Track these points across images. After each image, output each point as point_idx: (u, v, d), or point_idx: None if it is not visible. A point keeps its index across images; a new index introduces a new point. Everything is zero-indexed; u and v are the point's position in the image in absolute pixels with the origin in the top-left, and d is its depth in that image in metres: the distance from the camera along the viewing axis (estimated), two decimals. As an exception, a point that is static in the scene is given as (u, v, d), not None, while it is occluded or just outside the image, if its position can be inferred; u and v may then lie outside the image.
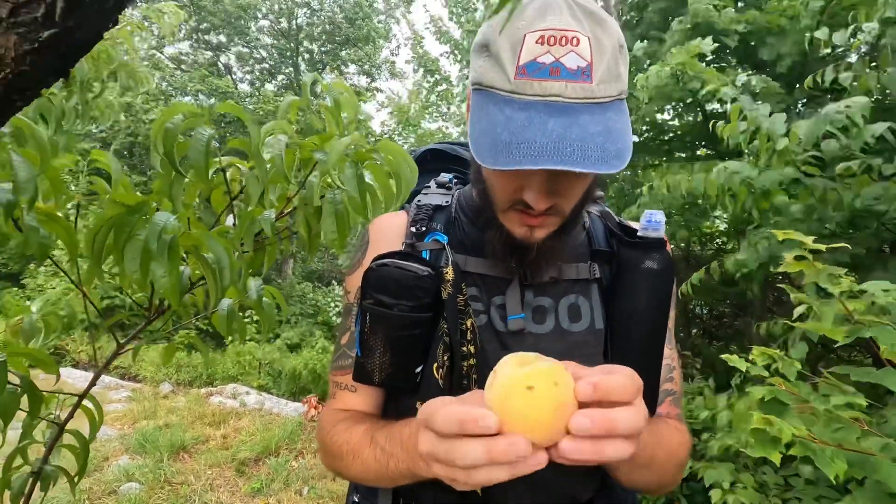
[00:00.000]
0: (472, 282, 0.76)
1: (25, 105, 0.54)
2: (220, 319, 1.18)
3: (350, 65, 16.51)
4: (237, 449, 4.33)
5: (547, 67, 0.58)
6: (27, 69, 0.47)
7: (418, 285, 0.70)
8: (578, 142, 0.55)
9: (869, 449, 0.86)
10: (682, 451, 0.77)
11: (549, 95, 0.58)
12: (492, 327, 0.75)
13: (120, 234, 0.63)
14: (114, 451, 4.27)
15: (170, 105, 0.76)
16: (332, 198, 0.78)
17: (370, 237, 0.84)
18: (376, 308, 0.71)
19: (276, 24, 16.50)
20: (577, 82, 0.58)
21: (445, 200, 0.85)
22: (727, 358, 1.06)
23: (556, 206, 0.67)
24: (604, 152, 0.56)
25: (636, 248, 0.74)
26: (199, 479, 3.82)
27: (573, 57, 0.57)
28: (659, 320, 0.73)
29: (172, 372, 7.44)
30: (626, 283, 0.74)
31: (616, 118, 0.59)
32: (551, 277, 0.76)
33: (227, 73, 16.60)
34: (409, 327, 0.71)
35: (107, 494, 3.53)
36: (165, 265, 0.62)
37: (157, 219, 0.62)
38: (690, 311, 4.85)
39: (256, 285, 1.18)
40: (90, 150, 3.98)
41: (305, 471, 3.98)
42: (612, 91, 0.60)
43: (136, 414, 5.26)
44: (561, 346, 0.74)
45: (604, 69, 0.58)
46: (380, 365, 0.73)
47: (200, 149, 0.66)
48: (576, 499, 0.76)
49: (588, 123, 0.57)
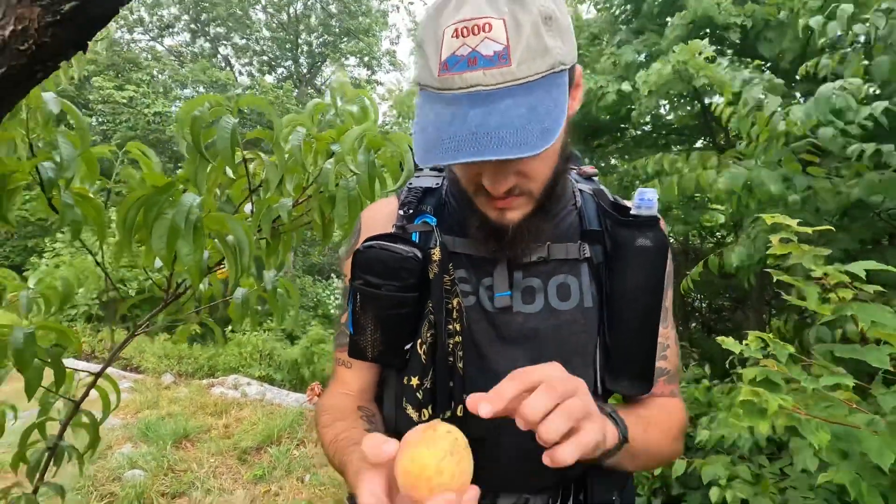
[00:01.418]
0: (460, 263, 0.78)
1: (45, 77, 0.56)
2: (235, 307, 1.23)
3: (350, 57, 16.45)
4: (239, 438, 4.38)
5: (465, 59, 0.58)
6: (49, 41, 0.49)
7: (403, 266, 0.73)
8: (497, 129, 0.56)
9: (855, 423, 0.90)
10: (677, 426, 0.79)
11: (471, 87, 0.58)
12: (480, 307, 0.76)
13: (149, 213, 0.67)
14: (117, 439, 4.32)
15: (170, 97, 0.80)
16: (345, 184, 0.82)
17: (362, 223, 0.87)
18: (365, 288, 0.74)
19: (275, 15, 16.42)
20: (495, 68, 0.57)
21: (436, 183, 0.86)
22: (722, 341, 1.10)
23: (519, 187, 0.67)
24: (524, 134, 0.55)
25: (629, 226, 0.75)
26: (201, 466, 3.87)
27: (487, 43, 0.57)
28: (653, 298, 0.74)
29: (174, 363, 7.48)
30: (620, 261, 0.75)
31: (544, 95, 0.58)
32: (539, 257, 0.77)
33: (226, 66, 16.54)
34: (396, 307, 0.74)
35: (111, 481, 3.58)
36: (190, 243, 0.66)
37: (185, 200, 0.66)
38: (689, 304, 4.91)
39: (271, 277, 1.23)
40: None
41: (307, 459, 4.04)
42: (538, 68, 0.59)
43: (139, 404, 5.31)
44: (551, 325, 0.76)
45: (523, 48, 0.57)
46: (371, 342, 0.76)
47: (226, 136, 0.70)
48: (567, 474, 0.78)
49: (509, 108, 0.57)
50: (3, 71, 0.46)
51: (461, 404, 0.72)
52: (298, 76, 16.78)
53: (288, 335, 8.82)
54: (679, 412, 0.82)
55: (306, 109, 0.93)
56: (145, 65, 13.55)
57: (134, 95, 11.65)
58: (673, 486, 2.33)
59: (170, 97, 13.35)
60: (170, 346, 7.99)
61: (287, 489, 3.59)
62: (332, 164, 0.82)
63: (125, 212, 0.67)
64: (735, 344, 1.07)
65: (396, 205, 0.84)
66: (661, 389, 0.81)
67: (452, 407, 0.73)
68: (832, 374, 0.99)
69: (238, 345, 8.01)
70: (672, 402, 0.82)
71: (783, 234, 1.05)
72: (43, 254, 9.14)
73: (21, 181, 0.79)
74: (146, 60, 13.91)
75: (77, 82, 7.36)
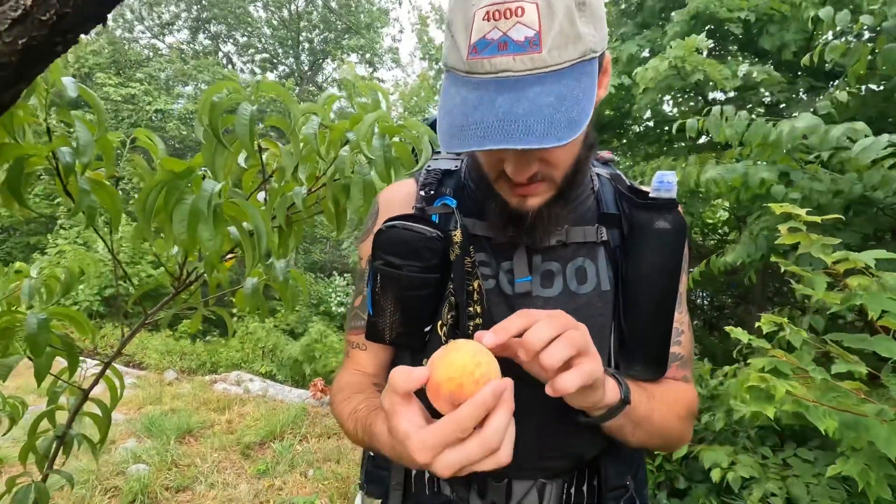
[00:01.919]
0: (480, 246, 0.78)
1: (65, 51, 0.55)
2: (245, 297, 1.23)
3: (351, 53, 16.43)
4: (242, 433, 4.40)
5: (495, 43, 0.57)
6: (69, 11, 0.48)
7: (426, 246, 0.72)
8: (524, 117, 0.55)
9: (864, 412, 0.90)
10: (683, 404, 0.78)
11: (499, 72, 0.57)
12: (500, 290, 0.76)
13: (170, 197, 0.68)
14: (121, 434, 4.34)
15: (172, 94, 0.80)
16: (360, 171, 0.82)
17: (380, 205, 0.86)
18: (386, 269, 0.74)
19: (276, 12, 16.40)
20: (526, 54, 0.56)
21: (455, 165, 0.85)
22: (730, 330, 1.10)
23: (542, 173, 0.67)
24: (552, 124, 0.54)
25: (648, 209, 0.74)
26: (205, 461, 3.88)
27: (519, 28, 0.56)
28: (670, 282, 0.73)
29: (177, 360, 7.50)
30: (638, 244, 0.74)
31: (574, 84, 0.57)
32: (558, 241, 0.76)
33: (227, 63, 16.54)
34: (417, 287, 0.74)
35: (115, 475, 3.59)
36: (211, 229, 0.66)
37: (207, 185, 0.67)
38: (691, 301, 4.91)
39: (282, 267, 1.23)
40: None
41: (310, 454, 4.05)
42: (569, 55, 0.57)
43: (142, 399, 5.32)
44: (569, 308, 0.74)
45: (555, 34, 0.56)
46: (390, 324, 0.76)
47: (245, 122, 0.71)
48: (582, 457, 0.79)
49: (538, 95, 0.56)
50: (25, 41, 0.46)
51: None
52: (300, 73, 16.78)
53: (290, 331, 8.84)
54: (689, 393, 0.81)
55: (320, 100, 0.93)
56: (147, 62, 13.55)
57: (136, 93, 11.64)
58: (679, 480, 2.34)
59: (172, 94, 13.34)
60: (172, 343, 8.00)
61: (290, 484, 3.60)
62: (347, 150, 0.83)
63: (145, 196, 0.67)
64: (743, 333, 1.07)
65: (414, 187, 0.84)
66: (673, 374, 0.81)
67: None
68: (846, 361, 0.99)
69: (241, 340, 8.02)
70: (682, 384, 0.82)
71: (792, 224, 1.05)
72: (45, 251, 9.15)
73: (38, 165, 0.80)
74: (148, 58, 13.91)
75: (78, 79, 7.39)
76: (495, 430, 0.49)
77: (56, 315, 0.86)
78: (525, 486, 0.77)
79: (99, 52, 12.82)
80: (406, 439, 0.50)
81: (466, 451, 0.49)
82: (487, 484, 0.77)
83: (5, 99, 0.50)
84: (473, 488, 0.78)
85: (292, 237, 1.00)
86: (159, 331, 8.34)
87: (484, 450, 0.49)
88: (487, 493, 0.77)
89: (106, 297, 8.72)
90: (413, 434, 0.50)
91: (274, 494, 3.46)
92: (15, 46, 0.46)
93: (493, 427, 0.49)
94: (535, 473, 0.78)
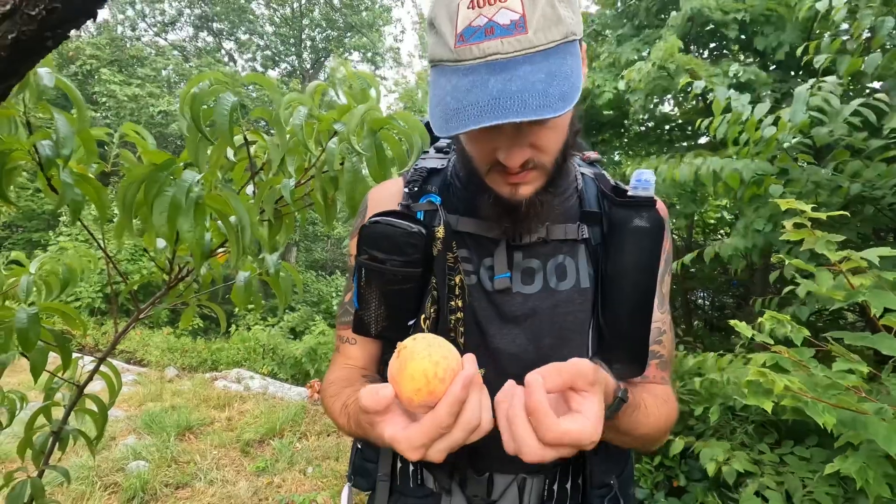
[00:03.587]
0: (463, 243, 0.79)
1: (55, 46, 0.55)
2: (238, 291, 1.23)
3: (353, 52, 16.44)
4: (242, 430, 4.40)
5: (482, 29, 0.59)
6: (59, 6, 0.48)
7: (408, 241, 0.74)
8: (518, 93, 0.57)
9: (863, 410, 0.89)
10: (666, 414, 0.77)
11: (488, 56, 0.59)
12: (481, 287, 0.78)
13: (150, 190, 0.67)
14: (121, 431, 4.34)
15: (175, 93, 0.80)
16: (350, 165, 0.81)
17: (369, 202, 0.88)
18: (370, 263, 0.76)
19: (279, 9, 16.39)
20: (513, 36, 0.58)
21: (441, 164, 0.87)
22: (734, 324, 1.09)
23: (533, 160, 0.68)
24: (546, 98, 0.56)
25: (626, 206, 0.75)
26: (204, 458, 3.89)
27: (504, 13, 0.58)
28: (648, 279, 0.74)
29: (177, 357, 7.51)
30: (616, 241, 0.75)
31: (561, 62, 0.60)
32: (539, 238, 0.78)
33: (229, 61, 16.55)
34: (400, 282, 0.76)
35: (115, 472, 3.60)
36: (191, 220, 0.65)
37: (186, 177, 0.66)
38: (692, 302, 4.89)
39: (273, 260, 1.22)
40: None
41: (309, 452, 4.05)
42: (553, 36, 0.60)
43: (143, 396, 5.33)
44: (548, 304, 0.77)
45: (538, 16, 0.59)
46: (375, 317, 0.78)
47: (224, 113, 0.70)
48: (564, 458, 0.79)
49: (529, 73, 0.58)
50: (14, 36, 0.45)
51: None
52: (302, 71, 16.79)
53: (291, 329, 8.85)
54: (670, 401, 0.81)
55: (307, 90, 0.92)
56: (149, 60, 13.57)
57: (139, 93, 11.65)
58: (680, 478, 2.33)
59: (175, 93, 13.36)
60: (173, 340, 8.02)
61: (290, 481, 3.60)
62: (335, 143, 0.82)
63: (125, 190, 0.66)
64: (747, 329, 1.06)
65: (402, 185, 0.85)
66: (653, 373, 0.81)
67: None
68: (847, 360, 0.98)
69: (242, 340, 8.03)
70: (664, 389, 0.81)
71: (797, 220, 1.04)
72: (47, 247, 9.18)
73: (20, 159, 0.79)
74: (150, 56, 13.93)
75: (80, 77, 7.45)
76: (472, 412, 0.53)
77: (47, 310, 0.85)
78: (507, 479, 0.78)
79: (101, 49, 12.84)
80: (395, 443, 0.54)
81: (452, 439, 0.53)
82: (469, 478, 0.78)
83: (-3, 94, 0.50)
84: (456, 480, 0.79)
85: (283, 230, 0.99)
86: (160, 328, 8.37)
87: (466, 432, 0.53)
88: (469, 486, 0.78)
89: (107, 295, 8.75)
90: (400, 437, 0.54)
91: (273, 492, 3.46)
92: (4, 41, 0.46)
93: (469, 410, 0.53)
94: (515, 468, 0.78)
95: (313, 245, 13.20)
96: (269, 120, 0.77)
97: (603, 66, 4.35)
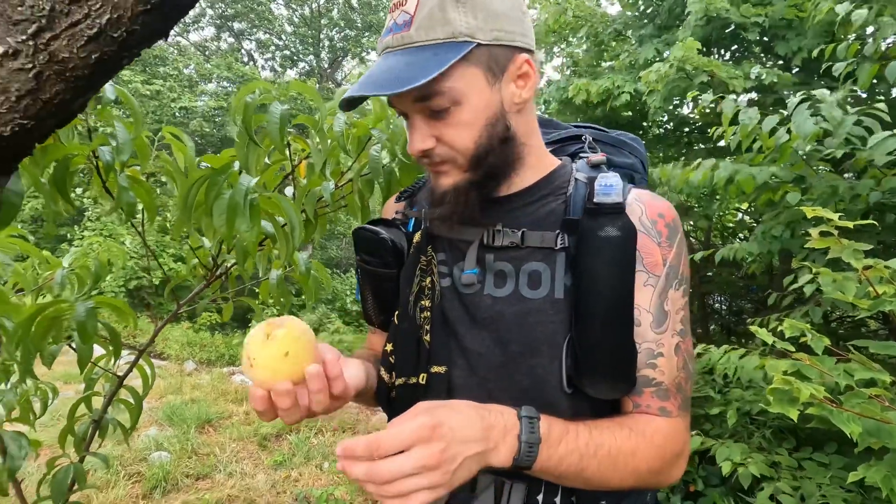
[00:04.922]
0: (441, 247, 0.83)
1: (129, 63, 0.61)
2: (270, 288, 1.28)
3: (371, 51, 16.54)
4: (259, 425, 4.48)
5: (389, 28, 0.71)
6: (138, 28, 0.53)
7: (381, 246, 0.84)
8: (378, 75, 0.68)
9: (888, 419, 0.90)
10: (646, 458, 0.69)
11: (385, 49, 0.71)
12: (455, 289, 0.80)
13: (210, 192, 0.71)
14: (143, 422, 4.46)
15: (195, 91, 0.84)
16: (388, 169, 0.85)
17: (382, 212, 0.98)
18: (361, 264, 0.87)
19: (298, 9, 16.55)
20: (399, 33, 0.69)
21: None
22: (754, 330, 1.09)
23: (440, 154, 0.73)
24: (396, 80, 0.65)
25: (592, 215, 0.72)
26: (223, 450, 3.97)
27: (401, 14, 0.69)
28: (621, 291, 0.70)
29: (196, 351, 7.66)
30: (585, 252, 0.72)
31: (429, 56, 0.67)
32: (512, 242, 0.76)
33: (249, 61, 16.76)
34: (382, 280, 0.85)
35: (138, 461, 3.70)
36: (248, 221, 0.70)
37: (243, 180, 0.70)
38: (709, 306, 4.85)
39: (304, 259, 1.27)
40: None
41: (325, 447, 4.12)
42: (435, 35, 0.67)
43: (163, 389, 5.46)
44: (515, 311, 0.75)
45: (423, 17, 0.67)
46: (372, 310, 0.89)
47: (276, 121, 0.74)
48: None
49: (396, 62, 0.68)
50: (97, 56, 0.50)
51: (424, 373, 0.77)
52: (320, 71, 16.95)
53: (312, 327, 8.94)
54: (659, 438, 0.71)
55: (336, 95, 0.97)
56: (171, 59, 13.83)
57: (161, 90, 11.90)
58: (697, 482, 2.34)
59: (195, 91, 13.60)
60: (192, 334, 8.16)
61: (306, 476, 3.66)
62: (378, 150, 0.86)
63: (186, 190, 0.71)
64: (767, 335, 1.06)
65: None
66: (647, 402, 0.73)
67: (417, 374, 0.78)
68: (869, 369, 0.98)
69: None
70: (655, 424, 0.72)
71: (823, 228, 1.04)
72: (73, 242, 9.41)
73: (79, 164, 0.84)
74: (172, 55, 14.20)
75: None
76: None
77: (100, 304, 0.90)
78: (487, 479, 0.74)
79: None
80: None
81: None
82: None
83: (75, 107, 0.54)
84: None
85: (318, 229, 1.04)
86: (180, 322, 8.52)
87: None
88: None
89: (130, 290, 8.94)
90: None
91: (291, 485, 3.53)
92: (88, 60, 0.51)
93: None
94: (496, 470, 0.69)
95: (328, 243, 13.33)
96: (314, 127, 0.81)
97: (623, 67, 4.34)
